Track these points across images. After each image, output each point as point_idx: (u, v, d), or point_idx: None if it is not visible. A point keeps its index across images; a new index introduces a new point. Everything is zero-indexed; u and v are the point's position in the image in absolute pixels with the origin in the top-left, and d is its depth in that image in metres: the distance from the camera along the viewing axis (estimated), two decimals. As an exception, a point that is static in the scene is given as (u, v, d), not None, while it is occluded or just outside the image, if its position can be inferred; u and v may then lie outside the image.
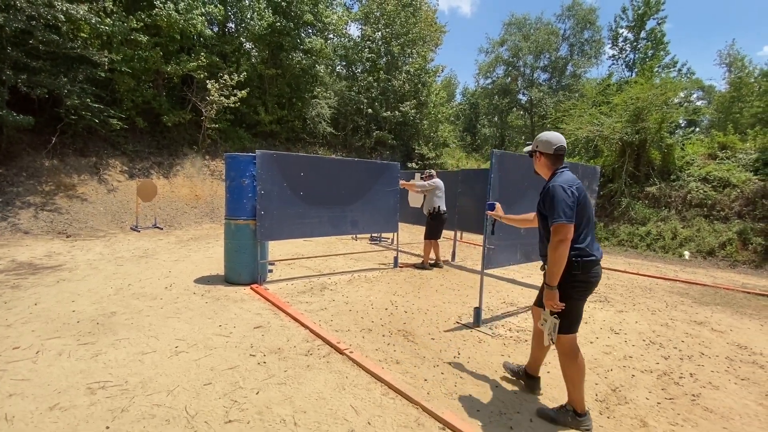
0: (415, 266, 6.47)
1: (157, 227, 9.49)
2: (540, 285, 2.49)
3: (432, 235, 6.39)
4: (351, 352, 3.04)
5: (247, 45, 15.97)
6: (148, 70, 11.77)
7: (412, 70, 16.37)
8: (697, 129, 23.51)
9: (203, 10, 12.07)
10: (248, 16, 14.80)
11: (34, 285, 4.63)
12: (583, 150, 12.66)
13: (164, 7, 10.80)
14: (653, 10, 27.83)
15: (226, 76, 13.12)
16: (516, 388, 2.68)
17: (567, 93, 27.73)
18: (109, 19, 9.80)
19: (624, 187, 10.92)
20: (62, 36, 9.03)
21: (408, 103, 16.03)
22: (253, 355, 3.01)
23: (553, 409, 2.35)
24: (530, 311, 4.19)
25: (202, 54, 12.49)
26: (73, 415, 2.17)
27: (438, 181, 6.46)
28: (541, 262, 2.49)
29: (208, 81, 12.81)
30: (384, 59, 16.47)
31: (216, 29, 15.14)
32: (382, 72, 16.60)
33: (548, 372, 2.92)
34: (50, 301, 4.09)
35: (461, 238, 9.50)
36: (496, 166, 3.74)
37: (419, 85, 16.56)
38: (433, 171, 6.70)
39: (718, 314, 4.65)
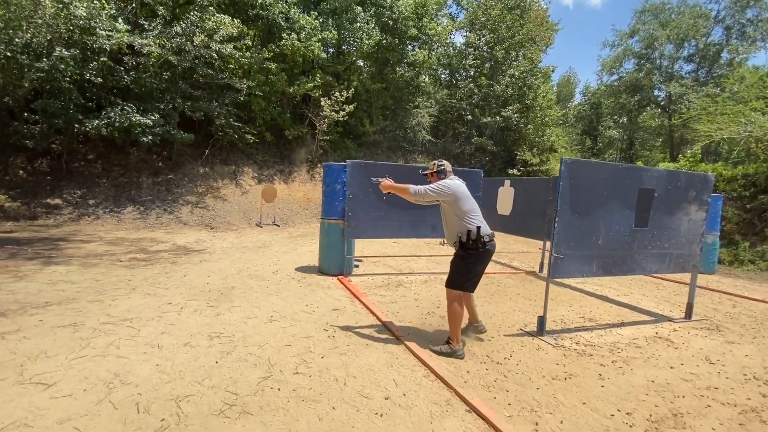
0: (432, 349, 3.24)
1: (275, 224, 11.21)
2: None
3: (458, 281, 3.19)
4: (405, 339, 3.41)
5: (359, 62, 17.54)
6: (276, 92, 13.95)
7: (516, 73, 15.83)
8: None
9: (320, 37, 13.80)
10: (358, 36, 16.30)
11: (185, 262, 6.13)
12: (725, 154, 10.58)
13: (289, 37, 12.72)
14: None
15: (337, 93, 14.69)
16: (558, 396, 2.69)
17: (720, 84, 22.98)
18: (248, 53, 12.03)
19: (782, 200, 8.83)
20: (215, 70, 11.42)
21: (510, 107, 15.53)
22: (326, 330, 3.60)
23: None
24: (607, 329, 3.96)
25: (318, 75, 14.25)
26: (197, 351, 3.02)
27: (452, 185, 3.21)
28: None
29: (322, 98, 14.53)
30: (488, 64, 16.29)
31: (331, 51, 17.05)
32: (484, 78, 16.45)
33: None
34: (194, 274, 5.41)
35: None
36: (567, 175, 3.68)
37: (524, 89, 15.89)
38: (446, 164, 3.41)
39: None
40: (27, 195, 9.57)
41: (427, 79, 18.79)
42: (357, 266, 6.56)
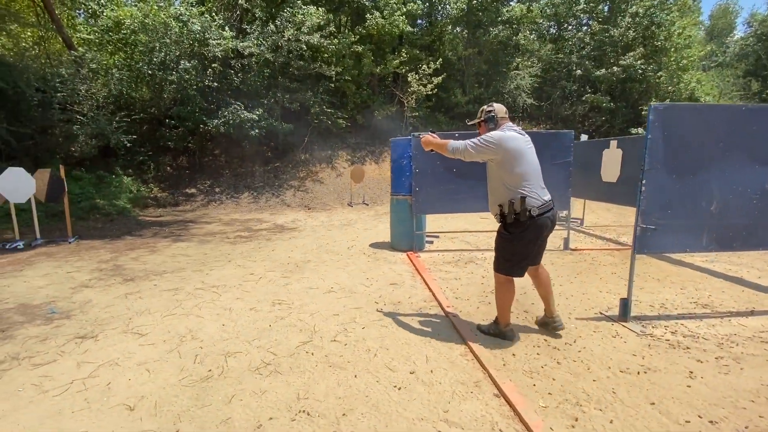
0: (479, 328, 3.03)
1: (365, 203, 11.69)
2: None
3: (503, 265, 2.75)
4: (453, 314, 3.24)
5: (448, 29, 16.70)
6: (365, 74, 14.26)
7: (641, 11, 13.04)
8: None
9: (404, 10, 13.49)
10: (445, 2, 15.44)
11: (277, 239, 6.86)
12: None
13: (372, 17, 12.76)
14: None
15: (424, 67, 14.31)
16: (619, 392, 2.24)
17: None
18: (336, 39, 12.50)
19: None
20: (305, 60, 12.19)
21: (632, 53, 12.92)
22: (377, 303, 3.65)
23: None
24: (725, 318, 3.12)
25: (404, 50, 14.05)
26: (258, 315, 3.38)
27: (500, 139, 2.56)
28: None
29: (408, 74, 14.34)
30: (602, 6, 13.78)
31: (420, 23, 16.58)
32: (596, 23, 14.00)
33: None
34: (281, 249, 6.02)
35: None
36: (658, 125, 2.91)
37: (652, 27, 13.00)
38: (496, 108, 2.72)
39: None
40: (172, 186, 11.87)
41: (530, 36, 16.87)
42: (431, 242, 6.44)
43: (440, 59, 14.38)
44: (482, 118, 2.77)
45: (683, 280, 4.32)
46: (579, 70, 14.13)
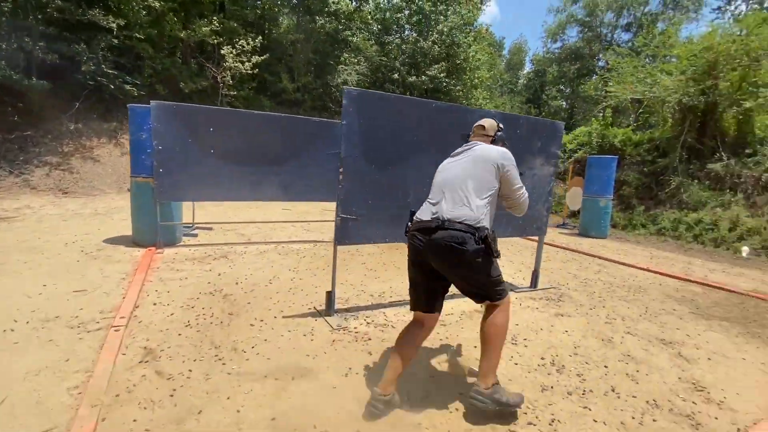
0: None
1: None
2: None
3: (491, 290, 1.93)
4: (117, 327, 2.52)
5: (276, 9, 15.69)
6: (170, 38, 12.05)
7: (445, 29, 14.78)
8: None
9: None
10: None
11: (-41, 232, 4.83)
12: (632, 116, 10.40)
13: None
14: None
15: (242, 42, 13.00)
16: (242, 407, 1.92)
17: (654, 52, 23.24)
18: (118, -16, 10.05)
19: (678, 164, 8.72)
20: (72, 1, 9.43)
21: (436, 66, 14.57)
22: (16, 321, 2.63)
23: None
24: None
25: (215, 19, 12.45)
26: None
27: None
28: None
29: (223, 47, 12.81)
30: (415, 18, 15.07)
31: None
32: (413, 35, 15.29)
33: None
34: (-56, 247, 4.16)
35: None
36: (353, 111, 2.81)
37: (453, 47, 14.92)
38: (483, 124, 2.26)
39: (712, 333, 3.26)
40: None
41: (353, 33, 17.26)
42: (195, 235, 5.56)
43: (260, 37, 13.32)
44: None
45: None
46: (396, 75, 15.15)
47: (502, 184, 1.95)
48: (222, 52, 12.76)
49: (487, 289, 1.88)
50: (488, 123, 2.21)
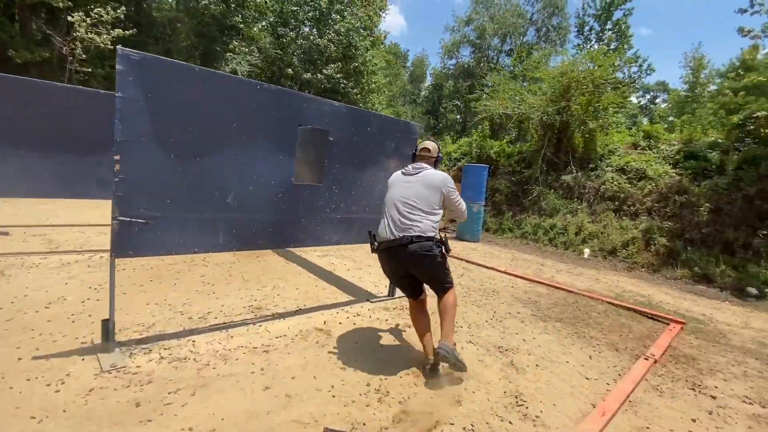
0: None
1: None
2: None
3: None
4: None
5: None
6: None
7: (342, 30, 14.48)
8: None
9: None
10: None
11: None
12: (501, 129, 11.36)
13: None
14: (620, 1, 26.91)
15: (99, 10, 10.90)
16: None
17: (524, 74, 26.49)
18: None
19: (539, 175, 9.70)
20: None
21: (332, 66, 14.18)
22: None
23: None
24: (269, 321, 2.68)
25: (59, -25, 10.22)
26: None
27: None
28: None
29: (74, 13, 10.57)
30: (312, 14, 14.48)
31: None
32: (306, 28, 14.67)
33: None
34: None
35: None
36: (134, 82, 2.14)
37: (350, 48, 14.70)
38: (428, 147, 2.68)
39: (546, 336, 3.36)
40: None
41: (252, 25, 15.95)
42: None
43: (123, 8, 11.34)
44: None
45: (276, 277, 4.11)
46: (290, 70, 14.35)
47: (446, 202, 2.51)
48: (71, 19, 10.52)
49: (445, 279, 2.45)
50: (432, 146, 2.66)
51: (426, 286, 2.55)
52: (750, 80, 7.11)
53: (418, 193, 2.43)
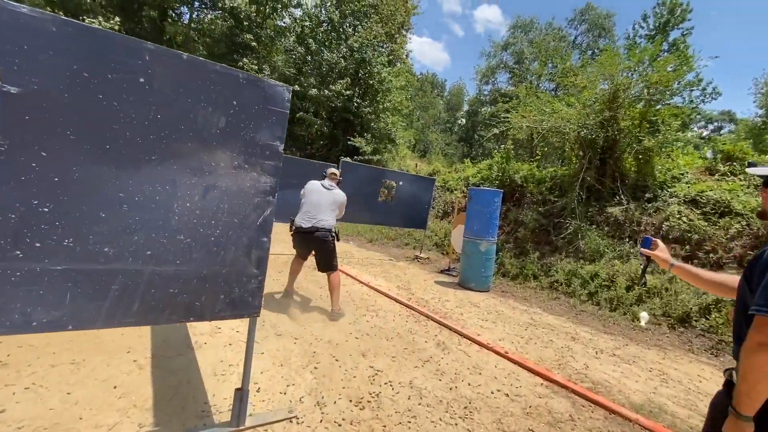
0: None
1: None
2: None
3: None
4: None
5: None
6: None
7: (356, 45, 13.37)
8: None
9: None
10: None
11: None
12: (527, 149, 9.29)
13: None
14: (677, 19, 24.30)
15: (92, 21, 10.45)
16: None
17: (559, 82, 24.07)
18: None
19: (576, 205, 7.48)
20: None
21: (342, 81, 12.95)
22: None
23: None
24: None
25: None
26: None
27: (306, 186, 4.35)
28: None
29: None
30: (322, 27, 13.55)
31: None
32: (314, 42, 13.68)
33: None
34: None
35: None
36: None
37: (363, 64, 13.49)
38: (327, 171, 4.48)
39: None
40: None
41: (271, 45, 15.36)
42: None
43: (117, 18, 10.83)
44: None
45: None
46: (296, 85, 13.33)
47: (339, 209, 4.17)
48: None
49: (333, 262, 4.00)
50: (337, 171, 4.40)
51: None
52: None
53: (328, 203, 4.03)
